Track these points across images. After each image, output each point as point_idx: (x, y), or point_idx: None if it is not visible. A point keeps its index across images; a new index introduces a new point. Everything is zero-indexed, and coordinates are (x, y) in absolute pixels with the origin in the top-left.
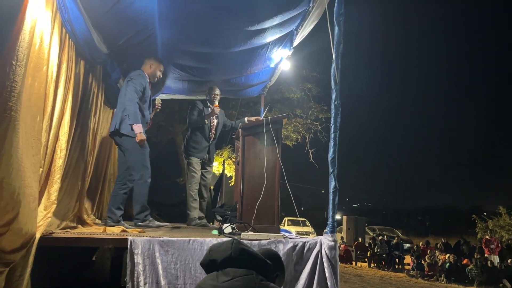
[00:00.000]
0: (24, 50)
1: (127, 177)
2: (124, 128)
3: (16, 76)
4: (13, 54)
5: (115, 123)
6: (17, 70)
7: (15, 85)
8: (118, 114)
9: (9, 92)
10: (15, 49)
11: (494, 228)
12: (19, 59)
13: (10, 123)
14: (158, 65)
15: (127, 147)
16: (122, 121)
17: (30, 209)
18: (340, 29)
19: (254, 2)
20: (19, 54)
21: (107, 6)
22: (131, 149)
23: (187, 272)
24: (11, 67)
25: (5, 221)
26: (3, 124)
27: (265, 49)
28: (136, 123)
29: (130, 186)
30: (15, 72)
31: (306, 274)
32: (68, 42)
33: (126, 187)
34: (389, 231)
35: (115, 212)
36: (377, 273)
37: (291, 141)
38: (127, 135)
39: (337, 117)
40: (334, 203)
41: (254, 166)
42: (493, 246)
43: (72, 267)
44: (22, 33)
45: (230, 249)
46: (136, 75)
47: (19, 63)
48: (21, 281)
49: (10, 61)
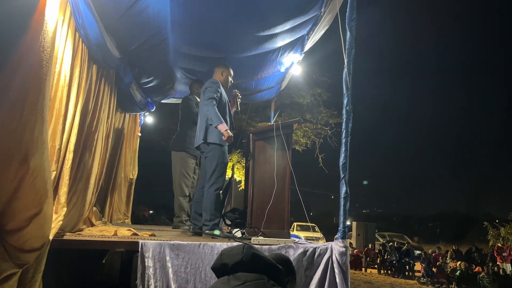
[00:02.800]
0: (48, 52)
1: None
2: (211, 137)
3: (43, 77)
4: (38, 55)
5: (200, 137)
6: (43, 71)
7: (43, 85)
8: (202, 126)
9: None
10: (39, 51)
11: (507, 235)
12: (44, 60)
13: (43, 123)
14: (229, 70)
15: (209, 155)
16: (207, 130)
17: (50, 209)
18: (352, 34)
19: (266, 7)
20: (44, 56)
21: (120, 11)
22: (212, 156)
23: (198, 276)
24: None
25: (28, 216)
26: (37, 123)
27: (276, 54)
28: (220, 123)
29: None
30: (41, 73)
31: (317, 280)
32: (81, 46)
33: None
34: (399, 237)
35: (198, 219)
36: (387, 280)
37: (300, 146)
38: (214, 142)
39: (348, 122)
40: (345, 209)
41: (264, 170)
42: (505, 254)
43: (82, 269)
44: (42, 34)
45: (241, 253)
46: (210, 83)
47: (45, 63)
48: (33, 283)
49: (38, 62)
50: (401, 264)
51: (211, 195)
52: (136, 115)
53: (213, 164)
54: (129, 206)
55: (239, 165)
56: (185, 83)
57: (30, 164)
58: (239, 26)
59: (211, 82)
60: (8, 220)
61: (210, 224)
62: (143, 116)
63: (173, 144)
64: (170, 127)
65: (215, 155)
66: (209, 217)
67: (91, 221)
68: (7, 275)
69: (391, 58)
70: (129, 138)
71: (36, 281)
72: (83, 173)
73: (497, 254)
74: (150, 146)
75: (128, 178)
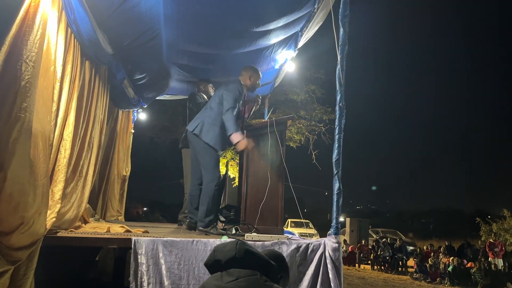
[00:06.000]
0: (36, 49)
1: (200, 178)
2: (207, 137)
3: (29, 75)
4: (24, 52)
5: (197, 128)
6: (29, 69)
7: (28, 85)
8: (205, 121)
9: (24, 92)
10: (26, 47)
11: (498, 231)
12: (30, 58)
13: (24, 123)
14: (258, 74)
15: (201, 149)
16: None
17: (42, 209)
18: (345, 31)
19: (259, 3)
20: (31, 53)
21: (113, 7)
22: (204, 151)
23: (191, 272)
24: (23, 65)
25: (16, 220)
26: (17, 124)
27: (270, 51)
28: (235, 131)
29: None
30: (28, 71)
31: (310, 275)
32: (74, 42)
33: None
34: (392, 233)
35: (194, 213)
36: (380, 276)
37: (294, 143)
38: (207, 143)
39: (341, 118)
40: (338, 205)
41: (258, 167)
42: (497, 250)
43: (75, 266)
44: (33, 31)
45: (234, 249)
46: (236, 87)
47: (31, 62)
48: (25, 280)
49: (22, 59)
50: (394, 260)
51: (211, 191)
52: (129, 112)
53: (208, 158)
54: (122, 203)
55: (233, 162)
56: (178, 79)
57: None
58: (233, 22)
59: (238, 86)
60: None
61: (206, 221)
62: (136, 112)
63: (183, 142)
64: (163, 124)
65: (207, 149)
66: (204, 214)
67: (84, 218)
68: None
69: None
70: (122, 135)
71: (28, 279)
72: (79, 170)
73: (489, 250)
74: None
75: (121, 175)
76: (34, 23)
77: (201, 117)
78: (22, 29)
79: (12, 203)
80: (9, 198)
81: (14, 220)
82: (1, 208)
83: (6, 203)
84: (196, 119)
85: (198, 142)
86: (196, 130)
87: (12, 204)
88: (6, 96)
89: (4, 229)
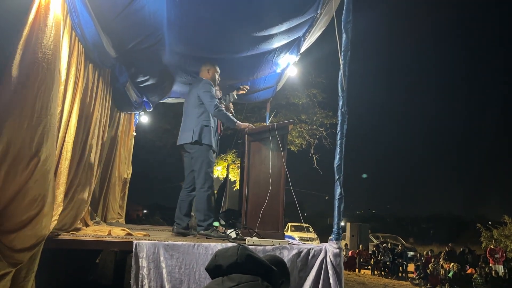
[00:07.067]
0: (52, 53)
1: (193, 184)
2: (205, 138)
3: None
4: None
5: (188, 136)
6: (48, 72)
7: (49, 87)
8: (191, 126)
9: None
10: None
11: (499, 237)
12: (49, 61)
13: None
14: (215, 68)
15: (196, 155)
16: (202, 130)
17: (48, 209)
18: (348, 37)
19: (262, 8)
20: (48, 57)
21: (117, 11)
22: (198, 156)
23: (192, 276)
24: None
25: (24, 219)
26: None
27: (272, 55)
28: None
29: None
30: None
31: (311, 281)
32: (78, 45)
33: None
34: (393, 238)
35: (183, 219)
36: (380, 281)
37: (295, 147)
38: (206, 144)
39: (343, 124)
40: (340, 210)
41: (259, 171)
42: (497, 256)
43: (76, 269)
44: (46, 34)
45: (236, 254)
46: (205, 85)
47: (49, 66)
48: (26, 283)
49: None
50: (395, 265)
51: (203, 196)
52: (131, 115)
53: (201, 164)
54: (123, 205)
55: (234, 165)
56: (181, 82)
57: (40, 156)
58: (236, 26)
59: (206, 84)
60: (4, 220)
61: (205, 225)
62: (138, 115)
63: None
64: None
65: (202, 155)
66: (203, 217)
67: (85, 220)
68: (1, 275)
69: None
70: (123, 138)
71: (29, 281)
72: (81, 172)
73: (489, 256)
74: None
75: (123, 177)
76: (46, 26)
77: (190, 126)
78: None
79: (25, 200)
80: (24, 195)
81: (22, 218)
82: (13, 205)
83: (20, 200)
84: (185, 130)
85: (196, 148)
86: (194, 138)
87: (25, 201)
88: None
89: (10, 227)
